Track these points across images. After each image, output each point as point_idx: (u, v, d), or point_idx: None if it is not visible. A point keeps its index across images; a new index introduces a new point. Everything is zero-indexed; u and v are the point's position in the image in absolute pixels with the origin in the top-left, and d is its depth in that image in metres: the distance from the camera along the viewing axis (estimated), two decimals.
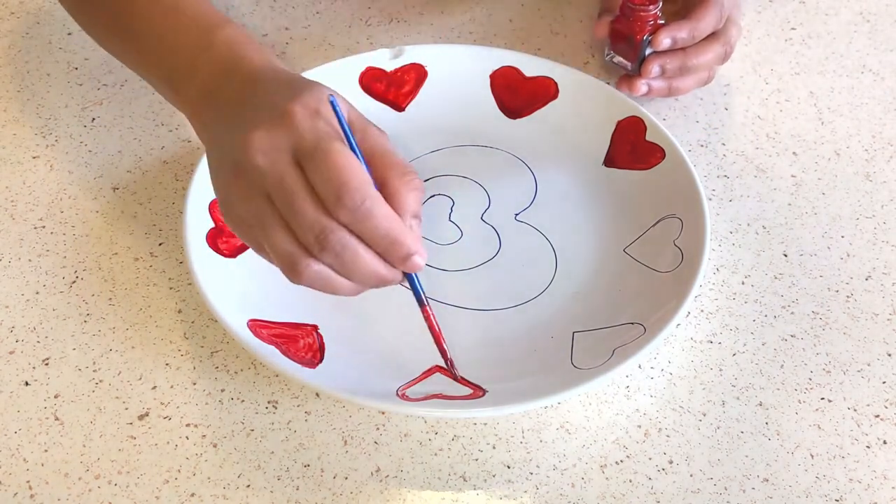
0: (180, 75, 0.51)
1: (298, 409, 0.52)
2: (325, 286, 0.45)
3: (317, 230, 0.42)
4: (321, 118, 0.44)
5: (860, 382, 0.54)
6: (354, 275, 0.44)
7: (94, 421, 0.51)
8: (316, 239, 0.42)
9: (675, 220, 0.58)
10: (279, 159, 0.43)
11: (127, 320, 0.55)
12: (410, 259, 0.44)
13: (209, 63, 0.50)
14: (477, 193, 0.62)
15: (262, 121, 0.44)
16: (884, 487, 0.49)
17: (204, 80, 0.49)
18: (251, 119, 0.45)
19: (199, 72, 0.50)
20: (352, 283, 0.45)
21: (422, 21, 0.76)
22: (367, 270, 0.44)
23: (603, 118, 0.65)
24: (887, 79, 0.72)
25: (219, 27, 0.51)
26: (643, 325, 0.52)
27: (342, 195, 0.42)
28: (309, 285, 0.44)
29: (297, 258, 0.43)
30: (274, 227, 0.43)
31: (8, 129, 0.66)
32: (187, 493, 0.48)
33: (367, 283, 0.45)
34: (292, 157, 0.43)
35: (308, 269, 0.43)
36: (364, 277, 0.44)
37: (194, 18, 0.52)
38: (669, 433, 0.51)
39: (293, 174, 0.43)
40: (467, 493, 0.49)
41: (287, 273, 0.44)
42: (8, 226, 0.60)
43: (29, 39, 0.73)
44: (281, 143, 0.43)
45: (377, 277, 0.44)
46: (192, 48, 0.51)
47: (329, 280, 0.44)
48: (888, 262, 0.60)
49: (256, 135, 0.43)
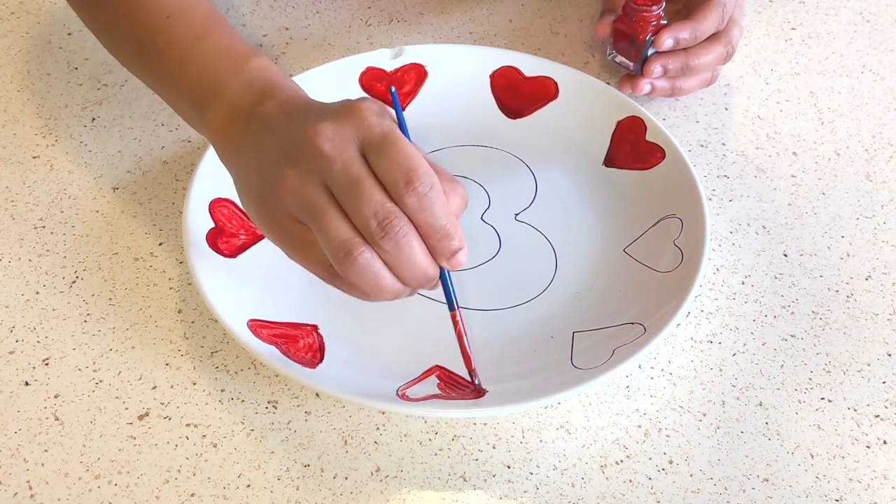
0: (207, 94, 0.50)
1: (298, 409, 0.52)
2: (373, 280, 0.44)
3: (381, 215, 0.43)
4: (387, 115, 0.46)
5: (860, 382, 0.54)
6: (405, 268, 0.44)
7: (94, 421, 0.51)
8: (379, 224, 0.43)
9: (675, 220, 0.58)
10: (346, 147, 0.44)
11: (127, 320, 0.55)
12: (457, 255, 0.45)
13: (241, 85, 0.50)
14: (477, 193, 0.62)
15: (330, 115, 0.45)
16: (884, 487, 0.49)
17: (234, 101, 0.49)
18: (314, 115, 0.45)
19: (230, 92, 0.50)
20: (395, 281, 0.45)
21: (422, 21, 0.76)
22: (418, 264, 0.44)
23: (603, 118, 0.65)
24: (887, 79, 0.72)
25: (251, 55, 0.51)
26: (643, 325, 0.52)
27: (413, 179, 0.43)
28: (356, 277, 0.44)
29: (353, 244, 0.43)
30: (330, 214, 0.43)
31: (8, 129, 0.66)
32: (187, 493, 0.48)
33: (413, 279, 0.45)
34: (358, 147, 0.44)
35: (362, 256, 0.43)
36: (412, 272, 0.44)
37: (225, 45, 0.52)
38: (669, 433, 0.51)
39: (359, 161, 0.44)
40: (467, 493, 0.49)
41: (340, 261, 0.44)
42: (8, 226, 0.60)
43: (29, 39, 0.73)
44: (349, 133, 0.44)
45: (423, 274, 0.45)
46: (223, 70, 0.51)
47: (377, 274, 0.44)
48: (888, 262, 0.60)
49: (324, 125, 0.44)
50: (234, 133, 0.49)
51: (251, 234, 0.57)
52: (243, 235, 0.57)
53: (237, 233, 0.57)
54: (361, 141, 0.44)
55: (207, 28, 0.53)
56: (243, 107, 0.49)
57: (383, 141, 0.44)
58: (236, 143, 0.49)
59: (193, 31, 0.53)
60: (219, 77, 0.50)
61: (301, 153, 0.44)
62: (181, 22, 0.53)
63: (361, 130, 0.44)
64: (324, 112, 0.46)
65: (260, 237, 0.57)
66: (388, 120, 0.45)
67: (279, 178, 0.45)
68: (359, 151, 0.44)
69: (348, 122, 0.44)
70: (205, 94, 0.51)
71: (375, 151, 0.44)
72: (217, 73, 0.51)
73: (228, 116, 0.49)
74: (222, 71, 0.51)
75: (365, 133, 0.44)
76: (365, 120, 0.44)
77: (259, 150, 0.47)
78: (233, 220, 0.57)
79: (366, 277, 0.44)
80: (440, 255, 0.45)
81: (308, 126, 0.45)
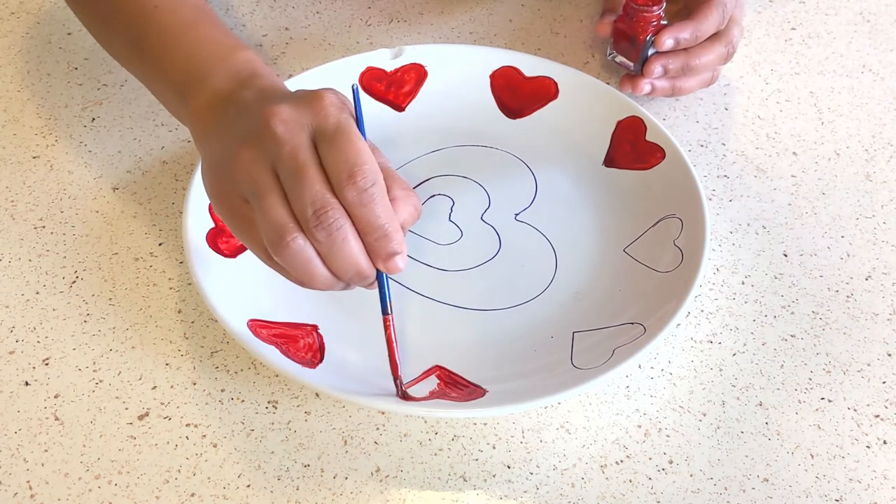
0: (192, 82, 0.51)
1: (298, 409, 0.52)
2: (303, 267, 0.44)
3: (318, 204, 0.43)
4: (347, 110, 0.46)
5: (860, 382, 0.54)
6: (336, 260, 0.44)
7: (94, 421, 0.51)
8: (315, 213, 0.43)
9: (675, 220, 0.58)
10: (298, 132, 0.44)
11: (127, 320, 0.55)
12: (394, 258, 0.45)
13: (225, 72, 0.50)
14: (477, 193, 0.62)
15: (290, 100, 0.45)
16: (884, 487, 0.49)
17: (218, 88, 0.50)
18: (277, 99, 0.46)
19: (214, 79, 0.50)
20: (326, 273, 0.45)
21: (422, 21, 0.76)
22: (350, 259, 0.44)
23: (603, 118, 0.65)
24: (887, 79, 0.72)
25: (239, 47, 0.52)
26: (643, 325, 0.52)
27: (355, 173, 0.43)
28: (288, 262, 0.44)
29: (286, 229, 0.43)
30: (271, 196, 0.44)
31: (8, 129, 0.66)
32: (187, 493, 0.48)
33: (344, 272, 0.45)
34: (311, 134, 0.44)
35: (294, 241, 0.43)
36: (344, 266, 0.44)
37: (213, 37, 0.53)
38: (669, 433, 0.51)
39: (308, 148, 0.44)
40: (467, 493, 0.49)
41: (272, 243, 0.44)
42: (8, 226, 0.60)
43: (29, 39, 0.73)
44: (304, 119, 0.44)
45: (356, 270, 0.45)
46: (209, 59, 0.51)
47: (308, 262, 0.44)
48: (888, 262, 0.60)
49: (282, 107, 0.45)
50: (211, 117, 0.49)
51: None
52: None
53: None
54: (315, 129, 0.44)
55: (196, 20, 0.54)
56: (224, 94, 0.49)
57: (335, 132, 0.44)
58: (209, 126, 0.49)
59: (182, 21, 0.54)
60: (205, 66, 0.51)
61: (257, 134, 0.45)
62: (170, 13, 0.54)
63: (318, 119, 0.44)
64: (287, 97, 0.46)
65: None
66: (345, 113, 0.45)
67: (234, 156, 0.45)
68: (310, 139, 0.44)
69: (306, 108, 0.45)
70: (190, 80, 0.51)
71: (326, 141, 0.44)
72: (204, 62, 0.51)
73: (209, 102, 0.50)
74: (209, 60, 0.51)
75: (320, 122, 0.44)
76: (322, 109, 0.45)
77: (226, 131, 0.48)
78: None
79: (297, 264, 0.44)
80: (376, 256, 0.45)
81: (266, 107, 0.45)
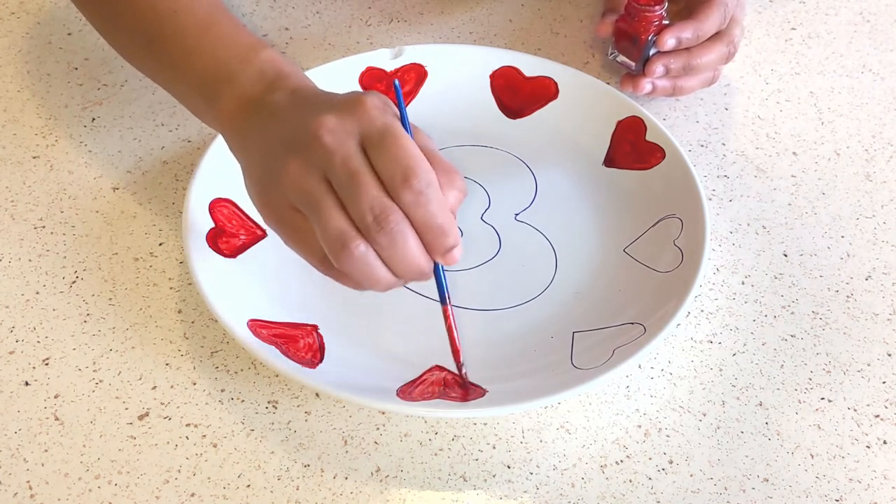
0: (216, 84, 0.51)
1: (298, 409, 0.52)
2: (367, 272, 0.44)
3: (378, 209, 0.43)
4: (390, 110, 0.46)
5: (860, 382, 0.54)
6: (399, 262, 0.44)
7: (94, 421, 0.51)
8: (375, 218, 0.43)
9: (675, 220, 0.58)
10: (347, 140, 0.44)
11: (127, 320, 0.55)
12: (452, 252, 0.45)
13: (251, 74, 0.50)
14: (477, 193, 0.62)
15: (334, 107, 0.45)
16: (884, 487, 0.49)
17: (245, 90, 0.50)
18: (319, 107, 0.46)
19: (240, 82, 0.50)
20: (389, 274, 0.45)
21: (422, 21, 0.76)
22: (413, 260, 0.44)
23: (603, 118, 0.65)
24: (887, 79, 0.72)
25: (260, 46, 0.52)
26: (643, 325, 0.52)
27: (410, 176, 0.43)
28: (350, 269, 0.44)
29: (349, 237, 0.43)
30: (328, 205, 0.44)
31: (8, 129, 0.66)
32: (187, 493, 0.48)
33: (406, 273, 0.45)
34: (359, 141, 0.44)
35: (357, 248, 0.43)
36: (406, 266, 0.45)
37: (232, 35, 0.52)
38: (669, 433, 0.51)
39: (359, 155, 0.44)
40: (467, 493, 0.49)
41: (335, 252, 0.44)
42: (8, 226, 0.60)
43: (29, 39, 0.73)
44: (351, 127, 0.44)
45: (417, 268, 0.45)
46: (232, 60, 0.51)
47: (371, 266, 0.44)
48: (888, 262, 0.60)
49: (328, 117, 0.45)
50: (244, 122, 0.49)
51: (251, 234, 0.57)
52: (243, 235, 0.57)
53: (237, 233, 0.57)
54: (362, 135, 0.44)
55: (213, 17, 0.53)
56: (253, 96, 0.49)
57: (383, 136, 0.44)
58: (245, 132, 0.49)
59: (199, 21, 0.53)
60: (228, 66, 0.51)
61: (303, 144, 0.45)
62: (187, 13, 0.54)
63: (363, 124, 0.44)
64: (328, 104, 0.46)
65: (260, 237, 0.57)
66: (389, 115, 0.45)
67: (282, 167, 0.45)
68: (359, 145, 0.44)
69: (350, 115, 0.45)
70: (214, 83, 0.51)
71: (375, 146, 0.44)
72: (226, 63, 0.51)
73: (239, 106, 0.49)
74: (231, 60, 0.51)
75: (366, 127, 0.44)
76: (366, 114, 0.45)
77: (265, 139, 0.47)
78: (233, 220, 0.57)
79: (360, 269, 0.44)
80: (435, 252, 0.45)
81: (312, 118, 0.45)
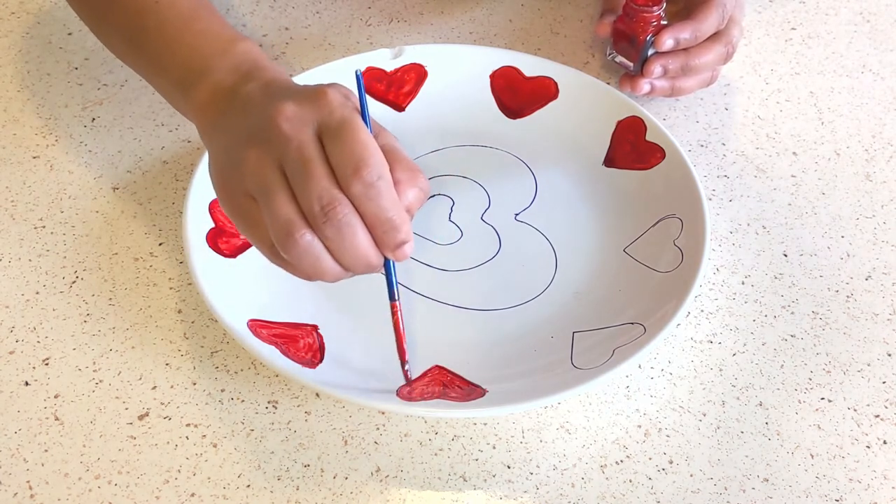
0: (193, 75, 0.51)
1: (298, 409, 0.52)
2: (313, 263, 0.44)
3: (325, 200, 0.43)
4: (350, 104, 0.46)
5: (860, 382, 0.54)
6: (346, 254, 0.44)
7: (94, 421, 0.51)
8: (322, 209, 0.43)
9: (675, 220, 0.58)
10: (303, 129, 0.44)
11: (127, 320, 0.55)
12: (402, 247, 0.45)
13: (227, 66, 0.50)
14: (477, 193, 0.62)
15: (294, 96, 0.46)
16: (884, 487, 0.49)
17: (219, 81, 0.50)
18: (282, 96, 0.46)
19: (215, 73, 0.50)
20: (336, 267, 0.45)
21: (422, 21, 0.76)
22: (360, 252, 0.44)
23: (603, 118, 0.65)
24: (887, 79, 0.72)
25: (239, 39, 0.52)
26: (643, 325, 0.52)
27: (360, 168, 0.43)
28: (297, 259, 0.44)
29: (295, 226, 0.43)
30: (279, 193, 0.44)
31: (8, 129, 0.66)
32: (187, 493, 0.48)
33: (354, 266, 0.45)
34: (316, 130, 0.45)
35: (303, 238, 0.43)
36: (353, 259, 0.44)
37: (212, 29, 0.53)
38: (669, 433, 0.51)
39: (314, 144, 0.44)
40: (467, 493, 0.49)
41: (281, 241, 0.44)
42: (8, 226, 0.60)
43: (29, 39, 0.73)
44: (308, 116, 0.45)
45: (365, 262, 0.45)
46: (210, 51, 0.51)
47: (318, 257, 0.44)
48: (888, 262, 0.60)
49: (287, 105, 0.45)
50: (215, 112, 0.50)
51: None
52: None
53: (237, 233, 0.57)
54: (320, 125, 0.45)
55: (196, 12, 0.54)
56: (227, 87, 0.50)
57: (340, 127, 0.44)
58: (214, 122, 0.49)
59: (181, 14, 0.54)
60: (206, 58, 0.51)
61: (263, 132, 0.45)
62: (169, 7, 0.54)
63: (322, 114, 0.45)
64: (291, 93, 0.46)
65: None
66: (349, 107, 0.45)
67: (241, 155, 0.45)
68: (316, 135, 0.44)
69: (310, 105, 0.45)
70: (191, 74, 0.51)
71: (331, 137, 0.44)
72: (204, 55, 0.51)
73: (212, 96, 0.50)
74: (209, 52, 0.51)
75: (325, 117, 0.44)
76: (327, 105, 0.45)
77: (231, 129, 0.48)
78: None
79: (305, 260, 0.44)
80: (384, 246, 0.45)
81: (272, 106, 0.45)
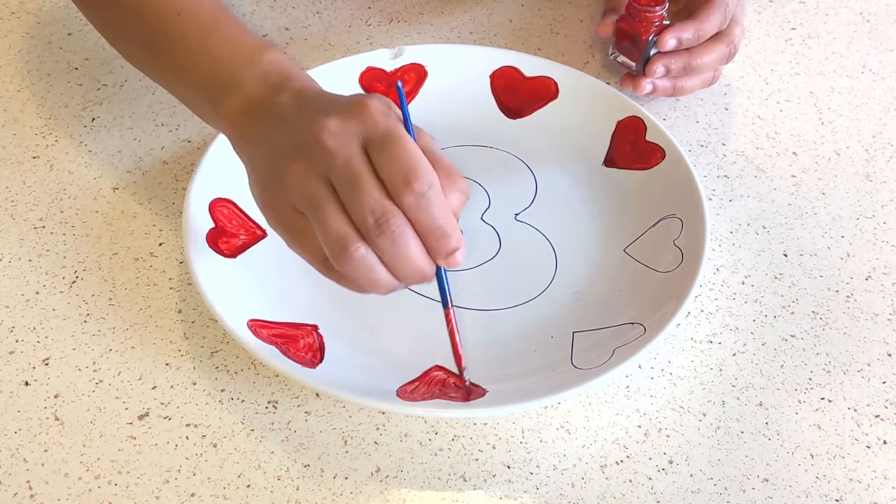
0: (221, 86, 0.51)
1: (298, 409, 0.52)
2: (367, 275, 0.44)
3: (378, 212, 0.43)
4: (392, 113, 0.46)
5: (860, 382, 0.54)
6: (400, 265, 0.44)
7: (94, 421, 0.51)
8: (376, 221, 0.43)
9: (675, 220, 0.58)
10: (349, 143, 0.44)
11: (127, 320, 0.55)
12: (454, 254, 0.45)
13: (255, 76, 0.50)
14: (477, 193, 0.62)
15: (336, 110, 0.45)
16: (884, 487, 0.49)
17: (249, 92, 0.50)
18: (322, 110, 0.46)
19: (244, 83, 0.50)
20: (390, 277, 0.45)
21: (422, 21, 0.76)
22: (413, 262, 0.44)
23: (603, 118, 0.65)
24: (887, 79, 0.72)
25: (264, 47, 0.52)
26: (643, 325, 0.52)
27: (411, 179, 0.43)
28: (352, 271, 0.44)
29: (349, 239, 0.43)
30: (329, 207, 0.44)
31: (8, 129, 0.66)
32: (187, 493, 0.48)
33: (408, 276, 0.45)
34: (361, 143, 0.44)
35: (357, 251, 0.43)
36: (407, 269, 0.44)
37: (236, 37, 0.52)
38: (669, 433, 0.51)
39: (361, 157, 0.44)
40: (467, 493, 0.49)
41: (335, 255, 0.44)
42: (8, 226, 0.60)
43: (29, 39, 0.73)
44: (352, 129, 0.44)
45: (419, 271, 0.45)
46: (236, 62, 0.51)
47: (372, 269, 0.44)
48: (888, 262, 0.60)
49: (330, 120, 0.45)
50: (248, 124, 0.49)
51: (251, 234, 0.57)
52: (243, 235, 0.57)
53: (237, 233, 0.57)
54: (365, 137, 0.44)
55: (217, 19, 0.54)
56: (258, 98, 0.49)
57: (385, 138, 0.44)
58: (250, 135, 0.49)
59: (203, 24, 0.53)
60: (232, 68, 0.51)
61: (306, 147, 0.45)
62: (191, 15, 0.54)
63: (366, 127, 0.44)
64: (331, 107, 0.46)
65: (260, 237, 0.57)
66: (392, 118, 0.45)
67: (285, 170, 0.45)
68: (361, 148, 0.44)
69: (353, 118, 0.45)
70: (219, 85, 0.51)
71: (377, 148, 0.44)
72: (230, 65, 0.51)
73: (244, 108, 0.50)
74: (236, 62, 0.51)
75: (369, 130, 0.44)
76: (370, 117, 0.45)
77: (269, 142, 0.48)
78: (233, 220, 0.57)
79: (360, 272, 0.44)
80: (437, 254, 0.45)
81: (314, 121, 0.45)
